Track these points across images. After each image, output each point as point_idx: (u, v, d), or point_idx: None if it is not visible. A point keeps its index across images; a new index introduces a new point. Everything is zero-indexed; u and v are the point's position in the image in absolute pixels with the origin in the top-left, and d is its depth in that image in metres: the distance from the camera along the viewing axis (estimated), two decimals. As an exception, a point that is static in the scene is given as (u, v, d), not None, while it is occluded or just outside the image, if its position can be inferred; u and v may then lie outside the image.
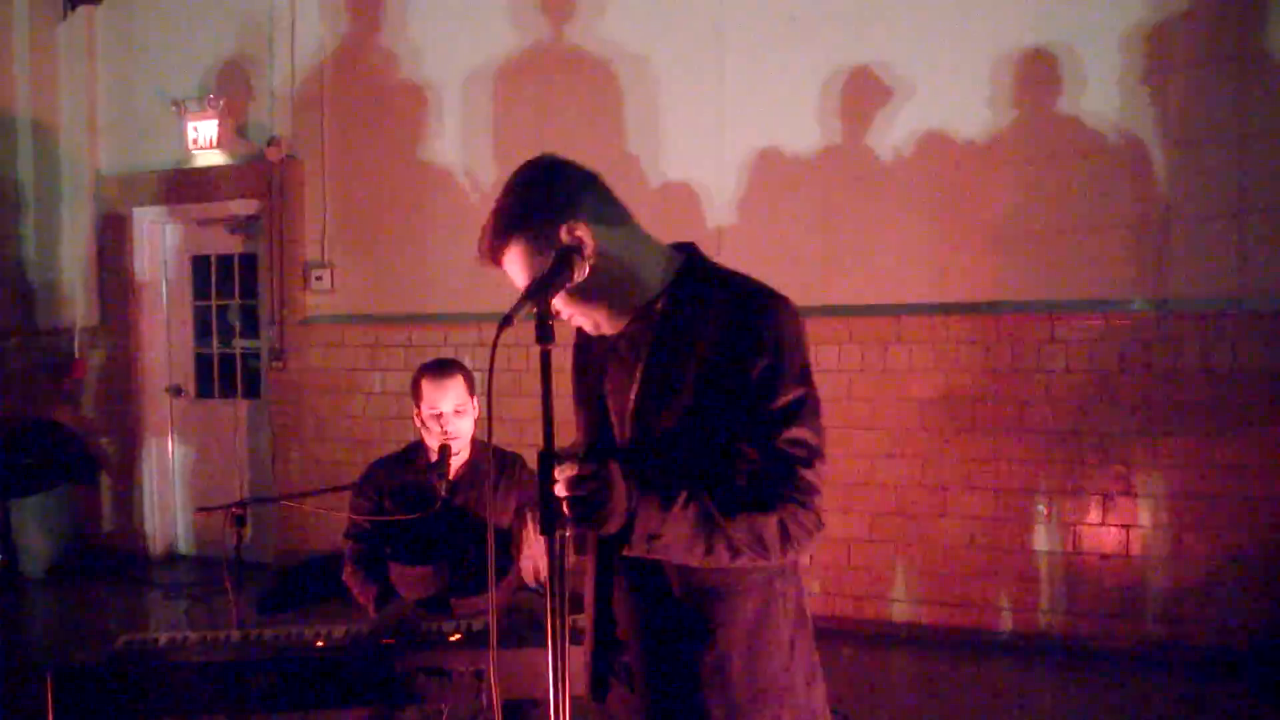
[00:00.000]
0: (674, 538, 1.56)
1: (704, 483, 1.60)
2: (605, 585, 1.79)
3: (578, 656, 1.78)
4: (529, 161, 1.75)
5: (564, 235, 1.64)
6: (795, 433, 1.62)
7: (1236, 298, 4.93)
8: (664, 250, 1.80)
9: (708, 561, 1.60)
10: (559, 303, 1.67)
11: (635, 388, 1.72)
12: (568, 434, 1.73)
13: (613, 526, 1.53)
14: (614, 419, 1.76)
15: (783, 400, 1.62)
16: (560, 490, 1.51)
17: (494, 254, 1.71)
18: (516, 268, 1.70)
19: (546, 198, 1.68)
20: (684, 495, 1.57)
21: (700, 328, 1.66)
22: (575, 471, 1.51)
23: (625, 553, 1.57)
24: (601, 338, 1.79)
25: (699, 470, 1.62)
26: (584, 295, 1.68)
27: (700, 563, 1.60)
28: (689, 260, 1.79)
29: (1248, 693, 4.41)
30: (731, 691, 1.69)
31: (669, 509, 1.55)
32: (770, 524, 1.59)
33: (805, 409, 1.64)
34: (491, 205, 1.73)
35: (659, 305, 1.73)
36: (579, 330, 1.84)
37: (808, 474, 1.62)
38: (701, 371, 1.64)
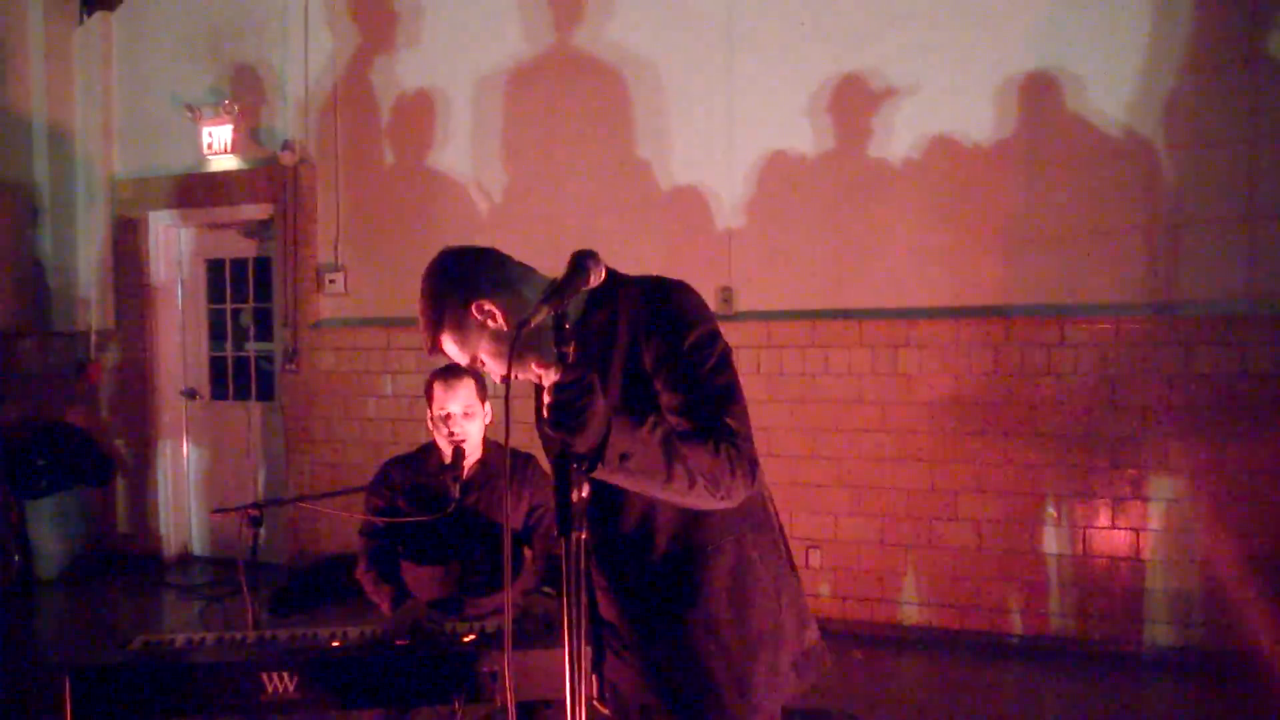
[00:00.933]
0: (643, 458, 1.63)
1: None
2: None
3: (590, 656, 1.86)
4: (428, 265, 1.98)
5: (475, 313, 1.87)
6: (715, 381, 1.77)
7: (1247, 301, 4.93)
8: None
9: (669, 490, 1.68)
10: (498, 365, 1.89)
11: None
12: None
13: (590, 437, 1.57)
14: None
15: (695, 358, 1.77)
16: (545, 398, 1.58)
17: (434, 349, 1.95)
18: (455, 349, 1.93)
19: (448, 292, 1.91)
20: (652, 419, 1.67)
21: (617, 326, 1.84)
22: (559, 377, 1.57)
23: (596, 475, 1.61)
24: None
25: None
26: (520, 354, 1.78)
27: (662, 491, 1.68)
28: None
29: (1259, 696, 4.41)
30: (726, 644, 1.83)
31: (638, 430, 1.63)
32: (720, 456, 1.70)
33: (713, 361, 1.79)
34: (419, 298, 1.95)
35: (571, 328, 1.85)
36: None
37: (731, 419, 1.75)
38: (624, 357, 1.81)
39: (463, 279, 1.92)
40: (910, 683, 5.14)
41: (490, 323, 1.87)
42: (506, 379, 1.67)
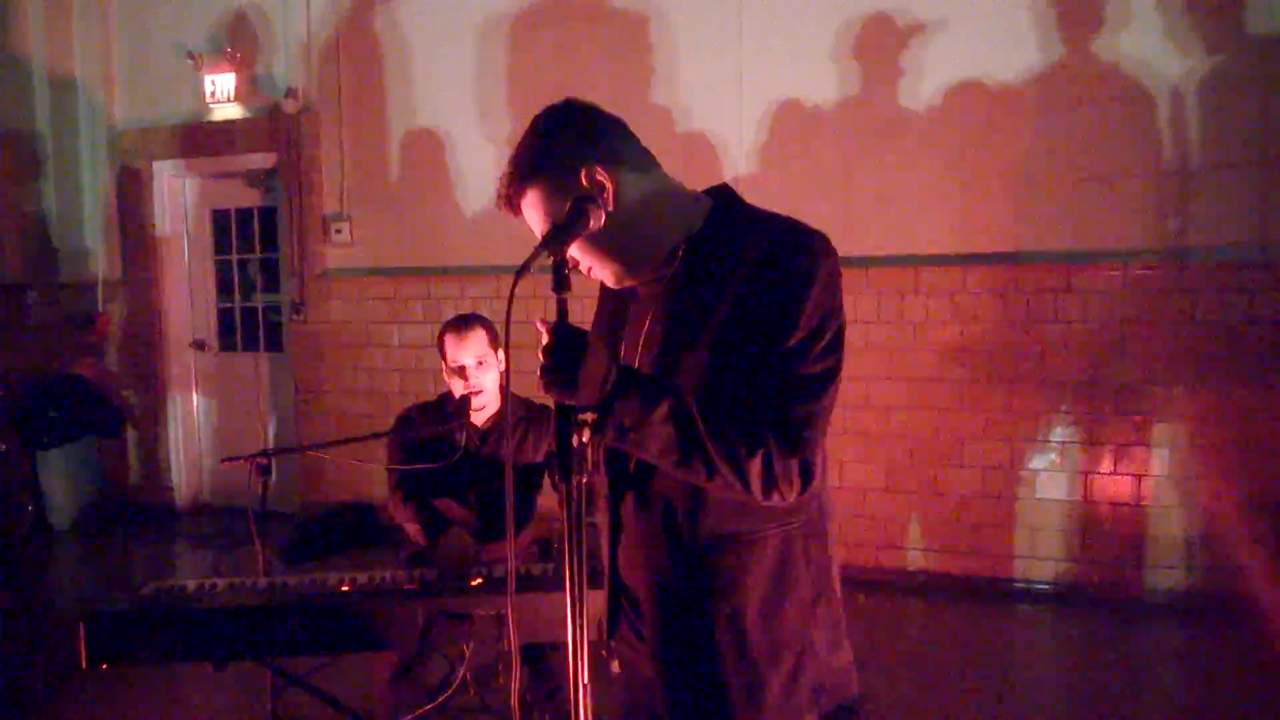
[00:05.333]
0: (647, 436, 1.51)
1: (699, 400, 1.54)
2: (615, 530, 1.78)
3: (595, 600, 1.73)
4: (550, 105, 1.70)
5: (584, 180, 1.60)
6: (803, 370, 1.55)
7: (1257, 248, 4.89)
8: (693, 197, 1.73)
9: (681, 473, 1.55)
10: (578, 254, 1.65)
11: (646, 330, 1.70)
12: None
13: (585, 398, 1.48)
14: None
15: (799, 337, 1.55)
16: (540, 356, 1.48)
17: (511, 200, 1.67)
18: (535, 214, 1.66)
19: (566, 141, 1.63)
20: (669, 401, 1.51)
21: (730, 269, 1.59)
22: (549, 338, 1.48)
23: (596, 441, 1.51)
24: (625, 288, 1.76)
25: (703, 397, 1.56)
26: (603, 245, 1.64)
27: (673, 472, 1.56)
28: (718, 204, 1.71)
29: (1260, 640, 4.44)
30: (747, 647, 1.64)
31: (650, 407, 1.50)
32: (756, 458, 1.52)
33: (819, 346, 1.56)
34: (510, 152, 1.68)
35: (681, 253, 1.67)
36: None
37: (799, 414, 1.55)
38: (729, 312, 1.57)
39: (587, 135, 1.64)
40: (914, 627, 5.19)
41: (596, 197, 1.60)
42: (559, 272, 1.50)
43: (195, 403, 7.61)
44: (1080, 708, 4.12)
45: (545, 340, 1.49)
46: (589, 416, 1.52)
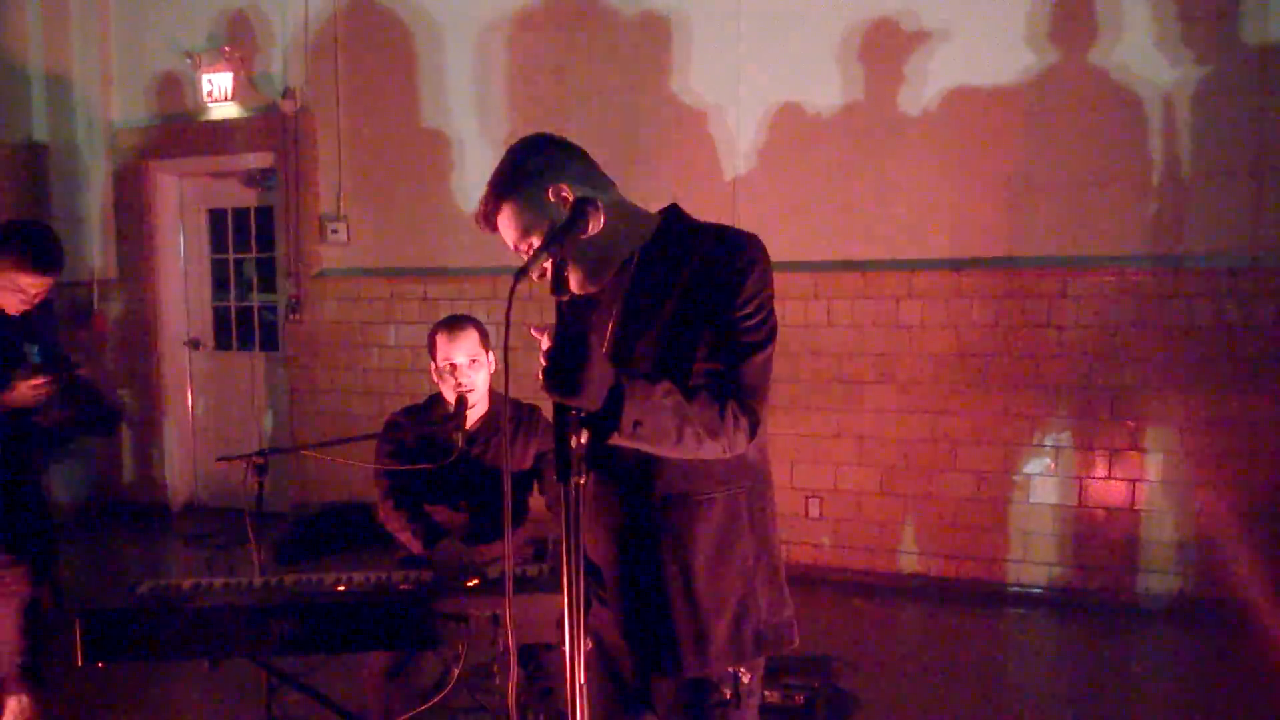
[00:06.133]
0: (655, 424, 1.63)
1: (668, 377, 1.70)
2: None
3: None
4: (524, 137, 1.92)
5: (551, 196, 1.81)
6: (745, 338, 1.75)
7: (1251, 255, 4.91)
8: (644, 214, 1.93)
9: (676, 450, 1.68)
10: (547, 262, 1.74)
11: (611, 327, 1.86)
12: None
13: (587, 400, 1.55)
14: None
15: (743, 311, 1.75)
16: (540, 360, 1.57)
17: (489, 217, 1.88)
18: (509, 228, 1.86)
19: (535, 163, 1.85)
20: (665, 384, 1.65)
21: (679, 268, 1.80)
22: (552, 339, 1.56)
23: (612, 441, 1.61)
24: (584, 298, 1.91)
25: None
26: (572, 254, 1.77)
27: (669, 451, 1.69)
28: (667, 219, 1.92)
29: (1252, 646, 4.46)
30: (695, 599, 1.81)
31: (650, 398, 1.62)
32: (727, 416, 1.70)
33: (758, 317, 1.77)
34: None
35: (636, 258, 1.87)
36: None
37: (747, 372, 1.74)
38: (680, 300, 1.78)
39: (552, 161, 1.87)
40: (908, 631, 5.20)
41: (563, 211, 1.79)
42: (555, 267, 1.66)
43: (190, 402, 7.60)
44: (1072, 712, 4.13)
45: (546, 343, 1.56)
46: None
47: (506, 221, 1.87)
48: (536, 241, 1.82)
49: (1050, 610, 5.23)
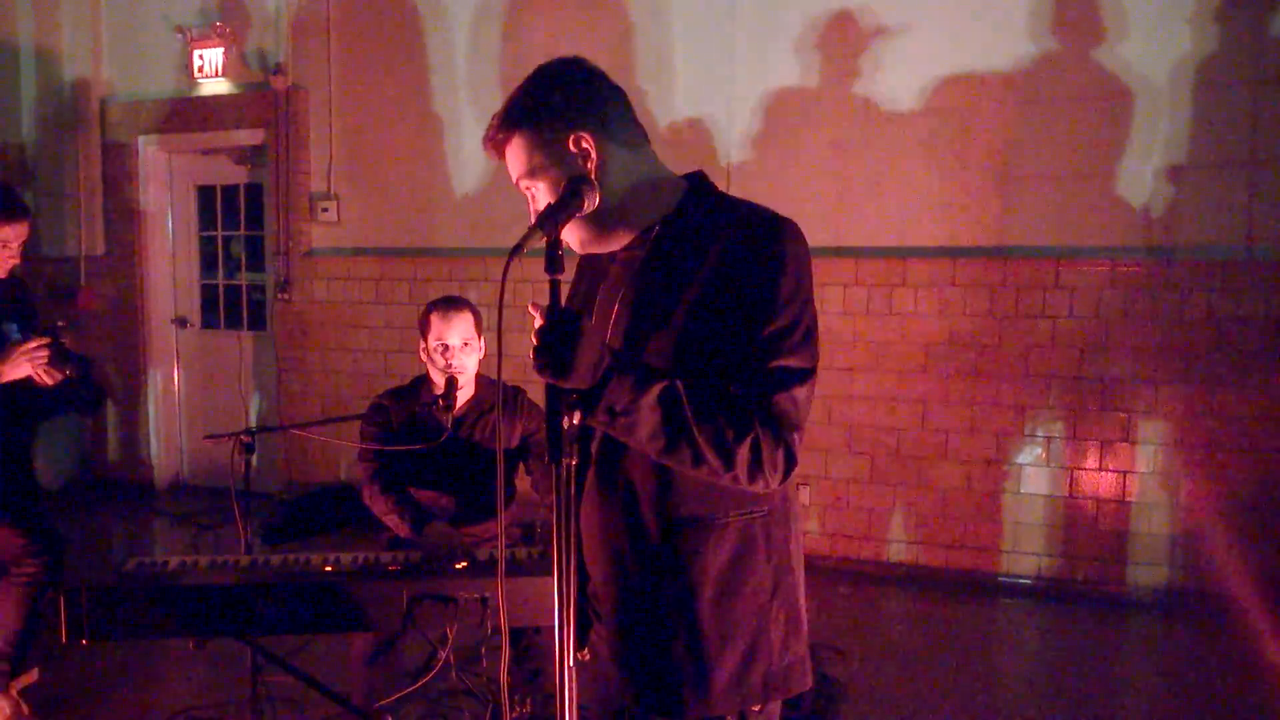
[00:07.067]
0: (637, 421, 1.49)
1: (685, 384, 1.53)
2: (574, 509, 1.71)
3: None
4: (557, 58, 1.69)
5: (570, 144, 1.61)
6: (784, 361, 1.57)
7: (1244, 247, 4.91)
8: (671, 179, 1.73)
9: (667, 459, 1.54)
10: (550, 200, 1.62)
11: (617, 309, 1.68)
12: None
13: (578, 381, 1.46)
14: None
15: (777, 325, 1.56)
16: (532, 339, 1.47)
17: (496, 143, 1.68)
18: (515, 161, 1.67)
19: (562, 99, 1.63)
20: (661, 385, 1.50)
21: (702, 252, 1.60)
22: (543, 320, 1.47)
23: (586, 422, 1.51)
24: (599, 262, 1.76)
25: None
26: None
27: (659, 457, 1.54)
28: (693, 188, 1.72)
29: (1239, 638, 4.48)
30: (698, 633, 1.62)
31: (641, 391, 1.49)
32: (745, 445, 1.51)
33: (798, 335, 1.59)
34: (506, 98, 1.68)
35: (655, 231, 1.68)
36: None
37: (784, 403, 1.56)
38: (700, 294, 1.58)
39: (585, 99, 1.64)
40: (895, 619, 5.20)
41: (578, 163, 1.61)
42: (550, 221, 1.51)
43: (176, 380, 7.56)
44: (1059, 702, 4.14)
45: (538, 323, 1.48)
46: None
47: (514, 154, 1.66)
48: (541, 186, 1.64)
49: (1039, 600, 5.24)
